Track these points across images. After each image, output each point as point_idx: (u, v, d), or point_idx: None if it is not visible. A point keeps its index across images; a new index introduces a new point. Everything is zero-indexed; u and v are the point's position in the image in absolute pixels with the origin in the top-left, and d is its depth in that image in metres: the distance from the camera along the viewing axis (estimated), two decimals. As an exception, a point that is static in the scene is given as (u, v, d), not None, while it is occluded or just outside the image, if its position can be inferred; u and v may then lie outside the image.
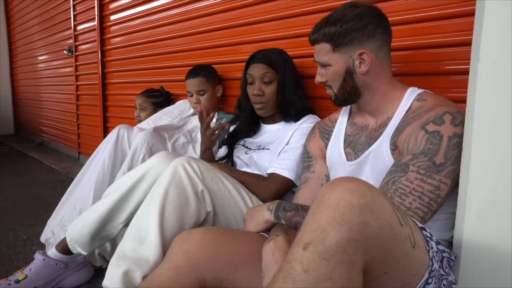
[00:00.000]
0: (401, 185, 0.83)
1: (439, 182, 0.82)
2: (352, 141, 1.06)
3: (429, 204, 0.81)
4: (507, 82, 0.75)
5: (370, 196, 0.61)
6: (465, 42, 1.09)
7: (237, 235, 0.91)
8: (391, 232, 0.63)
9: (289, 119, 1.42)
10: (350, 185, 0.62)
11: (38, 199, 2.29)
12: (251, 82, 1.39)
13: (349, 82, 0.99)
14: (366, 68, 0.96)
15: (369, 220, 0.60)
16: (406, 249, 0.66)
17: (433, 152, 0.84)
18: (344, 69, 0.98)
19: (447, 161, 0.83)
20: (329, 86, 1.03)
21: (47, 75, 4.04)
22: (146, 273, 0.94)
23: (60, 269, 1.26)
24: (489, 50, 0.77)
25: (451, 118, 0.85)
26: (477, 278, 0.81)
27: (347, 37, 0.95)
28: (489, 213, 0.79)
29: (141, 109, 2.07)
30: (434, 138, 0.85)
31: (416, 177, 0.82)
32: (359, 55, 0.96)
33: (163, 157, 1.17)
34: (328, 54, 0.98)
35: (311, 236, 0.59)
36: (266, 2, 1.70)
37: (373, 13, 0.97)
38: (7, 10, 4.99)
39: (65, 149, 3.76)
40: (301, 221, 0.83)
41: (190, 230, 0.90)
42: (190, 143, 1.63)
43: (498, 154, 0.77)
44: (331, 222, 0.59)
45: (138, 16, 2.51)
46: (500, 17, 0.75)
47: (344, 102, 1.04)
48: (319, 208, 0.62)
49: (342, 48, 0.96)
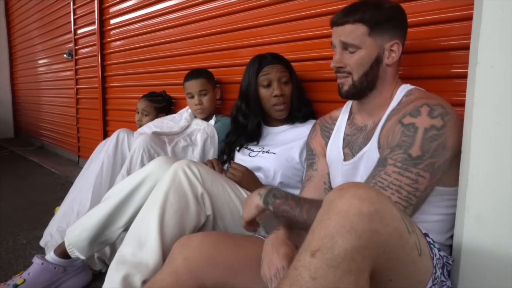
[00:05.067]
0: (380, 178, 0.82)
1: (417, 175, 0.80)
2: (350, 141, 1.06)
3: (408, 197, 0.80)
4: (505, 86, 0.76)
5: (380, 203, 0.61)
6: (463, 46, 1.10)
7: (236, 240, 0.91)
8: (399, 240, 0.63)
9: (295, 120, 1.42)
10: (359, 192, 0.61)
11: (37, 203, 2.28)
12: (267, 84, 1.37)
13: (374, 70, 0.95)
14: (395, 58, 0.95)
15: (378, 228, 0.59)
16: (413, 257, 0.66)
17: (407, 144, 0.82)
18: (375, 56, 0.94)
19: (424, 154, 0.80)
20: (347, 72, 0.98)
21: (47, 79, 4.04)
22: (145, 278, 0.93)
23: (58, 273, 1.25)
24: (487, 54, 0.77)
25: (428, 110, 0.83)
26: (477, 281, 0.81)
27: (387, 23, 0.92)
28: (488, 216, 0.79)
29: (143, 114, 2.04)
30: (408, 131, 0.83)
31: (394, 170, 0.81)
32: (390, 46, 0.94)
33: (163, 162, 1.17)
34: (363, 37, 0.93)
35: (319, 243, 0.58)
36: (264, 7, 1.70)
37: (400, 6, 0.97)
38: (8, 14, 5.00)
39: (65, 153, 3.76)
40: (289, 210, 0.84)
41: (189, 235, 0.90)
42: (190, 146, 1.63)
43: (497, 157, 0.78)
44: (340, 230, 0.58)
45: (138, 20, 2.51)
46: (498, 21, 0.76)
47: (357, 94, 1.00)
48: (327, 214, 0.61)
49: (378, 34, 0.93)
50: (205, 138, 1.65)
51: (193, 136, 1.68)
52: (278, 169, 1.34)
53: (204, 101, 1.73)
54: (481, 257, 0.80)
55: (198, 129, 1.71)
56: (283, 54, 1.47)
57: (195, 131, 1.72)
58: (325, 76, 1.50)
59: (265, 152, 1.39)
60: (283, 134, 1.43)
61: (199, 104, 1.73)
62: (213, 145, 1.66)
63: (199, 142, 1.64)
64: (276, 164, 1.34)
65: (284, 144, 1.38)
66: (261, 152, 1.39)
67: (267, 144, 1.43)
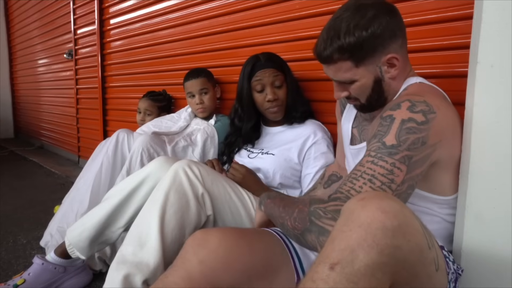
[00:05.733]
0: (354, 171, 0.77)
1: (392, 166, 0.73)
2: (360, 123, 1.04)
3: (381, 188, 0.72)
4: (506, 86, 0.76)
5: (403, 217, 0.58)
6: (463, 45, 1.10)
7: (253, 242, 0.86)
8: (420, 256, 0.60)
9: (293, 121, 1.42)
10: (383, 204, 0.58)
11: (38, 203, 2.28)
12: (261, 89, 1.37)
13: (378, 90, 0.89)
14: (396, 71, 0.87)
15: (401, 244, 0.57)
16: (430, 272, 0.64)
17: (382, 133, 0.76)
18: (373, 80, 0.88)
19: (400, 144, 0.74)
20: (354, 98, 0.94)
21: (47, 79, 4.04)
22: (146, 277, 0.93)
23: (58, 273, 1.25)
24: (487, 53, 0.77)
25: (409, 104, 0.77)
26: (476, 280, 0.81)
27: (370, 46, 0.82)
28: (488, 215, 0.79)
29: (146, 113, 2.02)
30: (385, 121, 0.78)
31: (367, 159, 0.75)
32: (386, 61, 0.85)
33: (163, 162, 1.17)
34: (351, 71, 0.86)
35: (339, 256, 0.56)
36: (264, 6, 1.70)
37: (385, 9, 0.84)
38: (7, 14, 5.00)
39: (65, 153, 3.76)
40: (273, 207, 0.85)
41: (205, 232, 0.83)
42: (190, 146, 1.63)
43: (496, 156, 0.78)
44: (361, 243, 0.56)
45: (138, 20, 2.51)
46: (498, 20, 0.76)
47: (373, 108, 0.95)
48: (348, 225, 0.58)
49: (366, 60, 0.84)
50: (205, 138, 1.65)
51: (193, 136, 1.68)
52: (277, 169, 1.34)
53: (205, 100, 1.74)
54: (481, 256, 0.80)
55: (198, 129, 1.72)
56: (282, 54, 1.46)
57: (195, 130, 1.72)
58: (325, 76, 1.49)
59: (264, 153, 1.39)
60: (282, 134, 1.43)
61: (200, 103, 1.73)
62: (213, 145, 1.66)
63: (199, 142, 1.64)
64: (275, 165, 1.34)
65: (283, 144, 1.38)
66: (260, 154, 1.40)
67: (266, 145, 1.43)
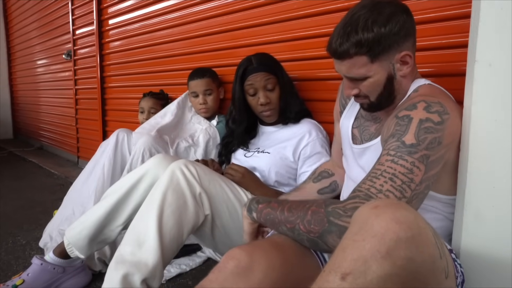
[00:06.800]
0: (373, 169, 0.77)
1: (412, 165, 0.74)
2: (361, 124, 1.03)
3: (401, 188, 0.73)
4: (504, 84, 0.76)
5: (417, 228, 0.57)
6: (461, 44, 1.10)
7: (293, 274, 0.78)
8: (432, 266, 0.60)
9: (288, 121, 1.42)
10: (397, 215, 0.57)
11: (37, 204, 2.28)
12: (253, 93, 1.37)
13: (389, 88, 0.89)
14: (408, 69, 0.88)
15: (414, 255, 0.56)
16: (440, 280, 0.63)
17: (401, 132, 0.77)
18: (386, 77, 0.88)
19: (419, 143, 0.75)
20: (364, 96, 0.93)
21: (45, 79, 4.04)
22: (145, 277, 0.94)
23: (57, 273, 1.25)
24: (485, 52, 0.77)
25: (425, 105, 0.79)
26: (475, 279, 0.81)
27: (387, 43, 0.83)
28: (487, 214, 0.79)
29: (150, 112, 1.99)
30: (402, 121, 0.79)
31: (387, 158, 0.76)
32: (400, 58, 0.86)
33: (161, 159, 1.17)
34: (366, 66, 0.86)
35: (351, 266, 0.55)
36: (262, 6, 1.70)
37: (400, 7, 0.86)
38: (6, 15, 4.99)
39: (64, 153, 3.75)
40: (271, 211, 0.81)
41: (249, 256, 0.72)
42: (192, 147, 1.64)
43: (495, 155, 0.78)
44: (374, 254, 0.55)
45: (137, 20, 2.51)
46: (496, 19, 0.76)
47: (381, 108, 0.95)
48: (361, 235, 0.57)
49: (382, 56, 0.85)
50: (207, 139, 1.65)
51: (195, 137, 1.68)
52: (272, 168, 1.34)
53: (209, 101, 1.74)
54: (480, 255, 0.80)
55: (200, 129, 1.72)
56: (280, 54, 1.47)
57: (197, 131, 1.72)
58: (323, 75, 1.50)
59: (260, 152, 1.40)
60: (277, 133, 1.44)
61: (203, 104, 1.73)
62: (215, 146, 1.67)
63: (201, 143, 1.65)
64: (270, 163, 1.34)
65: (278, 143, 1.39)
66: (256, 152, 1.41)
67: (262, 143, 1.44)
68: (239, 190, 1.18)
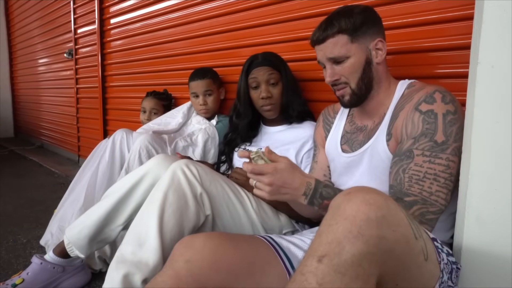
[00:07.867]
0: (412, 171, 0.83)
1: (447, 160, 0.82)
2: (349, 138, 1.07)
3: (446, 184, 0.82)
4: (506, 86, 0.76)
5: (387, 208, 0.60)
6: (464, 45, 1.10)
7: (238, 243, 0.88)
8: (406, 246, 0.62)
9: (291, 120, 1.42)
10: (367, 197, 0.60)
11: (37, 202, 2.28)
12: (256, 86, 1.38)
13: (368, 73, 0.97)
14: (383, 55, 0.97)
15: (386, 234, 0.59)
16: (419, 262, 0.66)
17: (431, 131, 0.84)
18: (364, 59, 0.97)
19: (448, 139, 0.83)
20: (344, 83, 0.99)
21: (47, 78, 4.04)
22: (146, 277, 0.93)
23: (57, 272, 1.25)
24: (488, 54, 0.77)
25: (441, 96, 0.86)
26: (477, 281, 0.81)
27: (364, 26, 0.95)
28: (489, 216, 0.79)
29: (152, 112, 2.00)
30: (429, 118, 0.86)
31: (424, 160, 0.83)
32: (375, 45, 0.97)
33: (161, 159, 1.17)
34: (346, 46, 0.95)
35: (326, 248, 0.58)
36: (264, 6, 1.70)
37: (371, 9, 1.01)
38: (8, 13, 5.00)
39: (64, 152, 3.76)
40: None
41: (191, 236, 0.87)
42: (190, 147, 1.63)
43: (497, 157, 0.78)
44: (347, 235, 0.58)
45: (138, 19, 2.51)
46: (499, 21, 0.76)
47: (360, 99, 1.00)
48: (334, 219, 0.60)
49: (360, 38, 0.95)
50: (206, 139, 1.65)
51: (194, 136, 1.68)
52: None
53: (209, 102, 1.74)
54: (481, 257, 0.80)
55: (199, 129, 1.71)
56: (282, 54, 1.46)
57: (196, 131, 1.72)
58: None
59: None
60: (280, 134, 1.43)
61: (203, 104, 1.73)
62: (214, 146, 1.66)
63: (200, 142, 1.64)
64: None
65: (281, 145, 1.38)
66: None
67: (264, 144, 1.43)
68: (240, 191, 1.17)
